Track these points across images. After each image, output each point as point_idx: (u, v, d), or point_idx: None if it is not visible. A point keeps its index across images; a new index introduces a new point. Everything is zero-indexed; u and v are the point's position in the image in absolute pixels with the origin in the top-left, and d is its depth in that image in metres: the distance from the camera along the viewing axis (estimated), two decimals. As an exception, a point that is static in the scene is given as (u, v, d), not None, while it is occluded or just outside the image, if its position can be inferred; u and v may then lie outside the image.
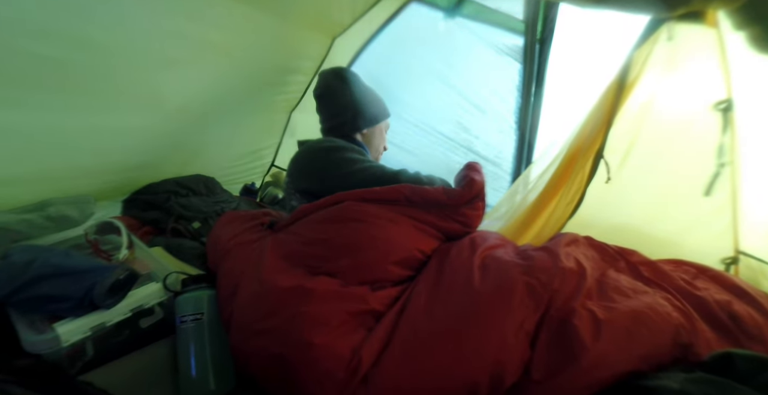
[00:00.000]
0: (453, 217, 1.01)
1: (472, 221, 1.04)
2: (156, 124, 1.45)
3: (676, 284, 0.89)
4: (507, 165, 1.75)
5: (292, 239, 0.98)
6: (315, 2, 1.54)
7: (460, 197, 1.00)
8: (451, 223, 1.01)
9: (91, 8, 1.00)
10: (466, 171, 1.07)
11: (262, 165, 2.26)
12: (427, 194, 0.99)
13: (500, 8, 1.60)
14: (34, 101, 1.07)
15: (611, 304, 0.78)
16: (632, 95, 1.08)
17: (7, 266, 0.87)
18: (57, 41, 0.99)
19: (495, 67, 1.69)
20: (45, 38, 0.97)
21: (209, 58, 1.39)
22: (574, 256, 0.90)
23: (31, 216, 1.14)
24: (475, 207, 1.03)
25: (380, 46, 1.88)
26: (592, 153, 1.14)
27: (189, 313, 0.91)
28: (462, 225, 1.03)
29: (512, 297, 0.78)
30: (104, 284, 0.85)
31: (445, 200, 1.00)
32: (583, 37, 1.47)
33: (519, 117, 1.67)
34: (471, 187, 1.01)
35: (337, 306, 0.81)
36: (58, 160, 1.27)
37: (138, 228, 1.51)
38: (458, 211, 1.01)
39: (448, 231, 1.02)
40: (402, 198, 0.99)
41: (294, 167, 1.24)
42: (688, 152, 1.10)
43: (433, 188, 1.01)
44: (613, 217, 1.22)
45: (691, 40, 1.01)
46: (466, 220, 1.03)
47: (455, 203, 1.01)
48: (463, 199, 1.01)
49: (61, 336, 0.80)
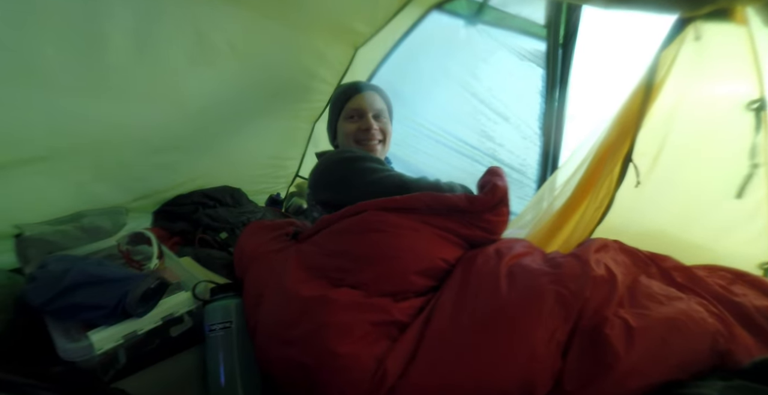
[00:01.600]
0: (476, 224, 0.99)
1: (495, 228, 1.02)
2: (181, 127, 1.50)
3: (712, 289, 0.85)
4: (532, 172, 1.73)
5: (314, 250, 0.99)
6: (337, 14, 1.56)
7: (482, 204, 0.99)
8: (474, 230, 1.00)
9: (114, 15, 1.04)
10: (489, 176, 1.06)
11: (286, 175, 2.29)
12: (448, 201, 0.98)
13: (521, 14, 1.60)
14: (59, 100, 1.11)
15: (644, 311, 0.75)
16: (660, 97, 1.06)
17: (43, 276, 0.90)
18: (81, 42, 1.03)
19: (517, 74, 1.68)
20: (64, 38, 1.00)
21: (230, 64, 1.42)
22: (604, 262, 0.87)
23: (66, 227, 1.19)
24: (498, 213, 1.01)
25: (401, 56, 1.89)
26: (620, 157, 1.11)
27: (218, 321, 0.92)
28: (485, 232, 1.01)
29: (542, 307, 0.76)
30: (136, 292, 0.87)
31: (466, 206, 0.98)
32: (607, 39, 1.44)
33: (543, 123, 1.65)
34: (494, 193, 0.99)
35: (360, 316, 0.81)
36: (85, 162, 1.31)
37: (167, 239, 1.54)
38: (481, 217, 1.00)
39: (471, 238, 1.00)
40: (423, 206, 0.98)
41: (314, 178, 1.25)
42: (719, 153, 1.06)
43: (454, 195, 0.99)
44: (644, 222, 1.19)
45: (719, 39, 0.98)
46: (489, 226, 1.01)
47: (477, 209, 0.99)
48: (486, 205, 0.99)
49: (95, 344, 0.82)
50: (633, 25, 1.22)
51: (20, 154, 1.14)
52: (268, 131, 1.93)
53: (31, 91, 1.05)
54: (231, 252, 1.44)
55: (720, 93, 1.04)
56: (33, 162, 1.17)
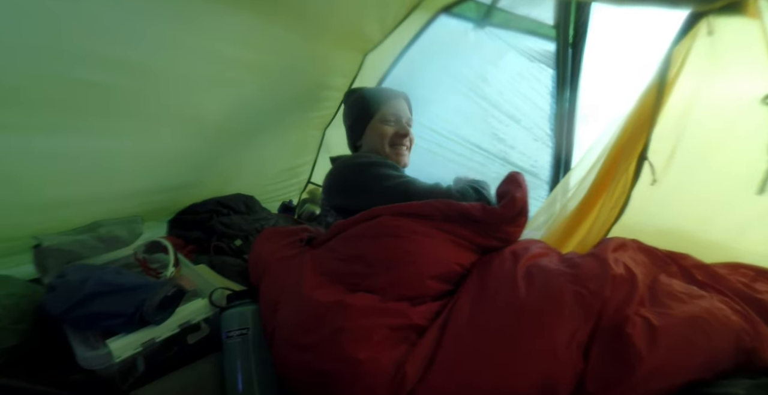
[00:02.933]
0: (492, 234, 0.99)
1: (512, 237, 1.02)
2: (196, 144, 1.51)
3: (734, 287, 0.83)
4: (544, 174, 1.72)
5: (329, 255, 0.99)
6: (346, 21, 1.57)
7: (499, 217, 0.98)
8: (490, 240, 0.99)
9: (136, 34, 1.05)
10: (507, 186, 1.05)
11: (299, 182, 2.30)
12: (464, 210, 0.97)
13: (530, 15, 1.59)
14: (81, 126, 1.12)
15: (666, 310, 0.74)
16: (674, 93, 1.04)
17: (62, 285, 0.91)
18: (101, 67, 1.04)
19: (527, 75, 1.67)
20: (90, 65, 1.01)
21: (246, 78, 1.43)
22: (623, 261, 0.86)
23: (84, 237, 1.20)
24: (517, 224, 1.01)
25: (410, 60, 1.89)
26: (635, 155, 1.10)
27: (235, 328, 0.93)
28: (501, 241, 1.00)
29: (561, 308, 0.75)
30: (154, 300, 0.88)
31: (481, 217, 0.97)
32: (617, 37, 1.43)
33: (554, 124, 1.64)
34: (512, 206, 0.98)
35: (378, 320, 0.80)
36: (105, 182, 1.32)
37: (183, 247, 1.55)
38: (498, 228, 0.99)
39: (486, 246, 1.00)
40: (437, 213, 0.97)
41: (328, 183, 1.25)
42: (737, 148, 1.04)
43: (469, 204, 0.98)
44: (661, 221, 1.17)
45: (732, 34, 0.96)
46: (506, 236, 1.00)
47: (493, 221, 0.98)
48: (503, 218, 0.98)
49: (114, 352, 0.83)
50: (643, 21, 1.21)
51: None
52: (281, 140, 1.94)
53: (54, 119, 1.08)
54: (245, 259, 1.45)
55: (735, 88, 1.03)
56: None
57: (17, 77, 0.93)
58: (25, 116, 1.00)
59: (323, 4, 1.38)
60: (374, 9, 1.56)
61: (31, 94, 0.97)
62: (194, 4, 1.10)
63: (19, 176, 1.10)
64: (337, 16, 1.49)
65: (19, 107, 0.98)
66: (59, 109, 1.05)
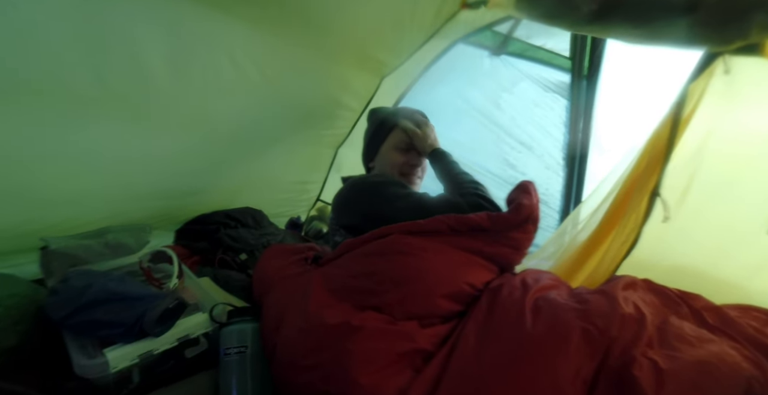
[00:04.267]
0: (500, 241, 0.99)
1: (521, 244, 1.02)
2: (208, 150, 1.52)
3: (745, 331, 0.81)
4: (555, 203, 1.71)
5: (338, 272, 0.98)
6: (364, 45, 1.60)
7: (505, 223, 0.99)
8: (500, 247, 0.99)
9: (153, 38, 1.08)
10: (516, 193, 1.06)
11: (308, 199, 2.31)
12: (471, 221, 0.98)
13: (546, 45, 1.62)
14: (95, 124, 1.14)
15: (674, 353, 0.72)
16: (689, 130, 1.04)
17: (65, 290, 0.92)
18: (118, 68, 1.06)
19: (541, 104, 1.68)
20: (106, 65, 1.04)
21: (263, 92, 1.45)
22: (633, 301, 0.84)
23: (90, 242, 1.21)
24: (525, 230, 1.01)
25: (426, 85, 1.91)
26: (647, 191, 1.09)
27: (233, 345, 0.92)
28: (511, 248, 1.00)
29: (568, 343, 0.73)
30: (155, 312, 0.87)
31: (489, 226, 0.98)
32: (633, 70, 1.44)
33: (567, 154, 1.64)
34: (518, 212, 0.99)
35: (385, 345, 0.79)
36: (116, 182, 1.34)
37: (188, 258, 1.56)
38: (505, 235, 1.00)
39: (497, 256, 1.00)
40: (446, 228, 0.98)
41: (339, 203, 1.25)
42: (751, 188, 1.03)
43: (476, 215, 0.99)
44: (673, 258, 1.14)
45: (749, 73, 0.96)
46: (515, 243, 1.00)
47: (500, 228, 0.99)
48: (509, 224, 0.99)
49: (110, 362, 0.82)
50: (660, 56, 1.22)
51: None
52: (293, 156, 1.95)
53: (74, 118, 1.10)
54: (249, 274, 1.44)
55: (751, 127, 1.02)
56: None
57: (32, 71, 0.95)
58: (37, 110, 1.02)
59: (343, 26, 1.41)
60: (390, 34, 1.59)
61: (45, 89, 1.00)
62: (215, 16, 1.14)
63: (31, 171, 1.12)
64: (356, 38, 1.52)
65: (32, 101, 1.00)
66: (71, 105, 1.07)
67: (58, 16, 0.90)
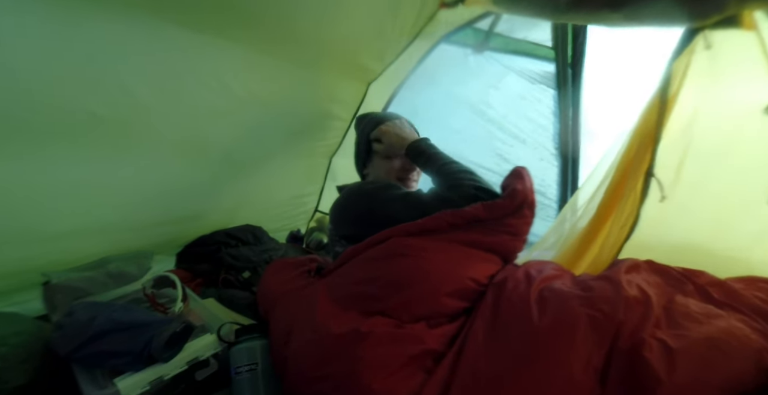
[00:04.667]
0: (498, 229, 1.00)
1: (519, 229, 1.02)
2: (203, 174, 1.52)
3: (752, 303, 0.80)
4: (552, 193, 1.71)
5: (342, 281, 0.98)
6: (345, 54, 1.60)
7: (501, 210, 0.99)
8: (499, 235, 1.00)
9: (143, 67, 1.08)
10: (509, 179, 1.06)
11: (306, 211, 2.30)
12: (468, 214, 0.98)
13: (528, 38, 1.62)
14: (87, 156, 1.14)
15: (683, 332, 0.71)
16: (676, 108, 1.04)
17: (71, 323, 0.91)
18: (106, 101, 1.06)
19: (529, 96, 1.68)
20: (96, 97, 1.04)
21: (251, 109, 1.45)
22: (636, 283, 0.84)
23: (92, 273, 1.20)
24: (521, 215, 1.01)
25: (413, 87, 1.91)
26: (641, 172, 1.09)
27: (244, 364, 0.91)
28: (510, 235, 1.01)
29: (575, 332, 0.73)
30: (162, 337, 0.87)
31: (486, 215, 0.99)
32: (616, 55, 1.44)
33: (559, 143, 1.63)
34: (513, 198, 1.00)
35: (396, 349, 0.79)
36: (112, 213, 1.33)
37: (190, 280, 1.55)
38: (503, 222, 1.00)
39: (496, 245, 1.00)
40: (444, 225, 0.98)
41: (336, 213, 1.25)
42: (743, 160, 1.03)
43: (472, 208, 0.99)
44: (673, 237, 1.14)
45: (730, 46, 0.96)
46: (513, 229, 1.01)
47: (497, 216, 0.99)
48: (505, 211, 0.99)
49: (122, 391, 0.81)
50: (641, 38, 1.22)
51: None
52: (287, 170, 1.95)
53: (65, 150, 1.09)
54: (254, 292, 1.44)
55: (737, 99, 1.02)
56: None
57: (22, 108, 0.95)
58: (30, 146, 1.02)
59: (324, 36, 1.41)
60: (373, 41, 1.59)
61: (37, 124, 0.99)
62: (201, 40, 1.14)
63: (25, 208, 1.11)
64: (338, 46, 1.53)
65: (25, 137, 0.99)
66: (64, 139, 1.06)
67: (39, 45, 0.89)
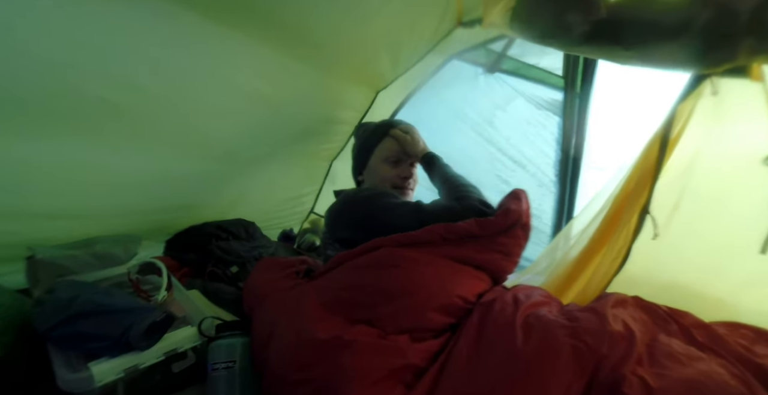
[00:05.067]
0: (490, 247, 1.01)
1: (510, 249, 1.03)
2: (202, 167, 1.52)
3: (734, 349, 0.81)
4: (547, 218, 1.72)
5: (330, 285, 0.98)
6: (361, 58, 1.61)
7: (493, 227, 1.00)
8: (490, 253, 1.00)
9: (157, 60, 1.08)
10: (505, 199, 1.08)
11: (301, 211, 2.30)
12: (461, 229, 0.99)
13: (539, 64, 1.64)
14: (86, 139, 1.13)
15: (663, 371, 0.72)
16: (677, 149, 1.06)
17: (51, 301, 0.90)
18: (115, 87, 1.05)
19: (534, 122, 1.70)
20: (105, 83, 1.03)
21: (259, 108, 1.45)
22: (622, 318, 0.84)
23: (78, 252, 1.19)
24: (512, 235, 1.02)
25: (421, 100, 1.93)
26: (637, 208, 1.10)
27: (221, 360, 0.90)
28: (501, 254, 1.01)
29: (557, 360, 0.73)
30: (141, 325, 0.86)
31: (478, 232, 0.99)
32: (624, 90, 1.47)
33: (559, 171, 1.65)
34: (505, 216, 1.01)
35: (377, 360, 0.78)
36: (105, 197, 1.32)
37: (177, 269, 1.54)
38: (495, 240, 1.01)
39: (488, 263, 1.01)
40: (437, 238, 0.99)
41: (332, 217, 1.25)
42: (739, 207, 1.04)
43: (466, 223, 1.00)
44: (662, 275, 1.15)
45: (736, 95, 0.98)
46: (504, 249, 1.02)
47: (489, 233, 1.00)
48: (497, 229, 1.00)
49: (95, 376, 0.80)
50: (650, 76, 1.24)
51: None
52: (288, 170, 1.96)
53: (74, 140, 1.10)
54: (240, 287, 1.43)
55: (738, 147, 1.04)
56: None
57: (27, 88, 0.94)
58: (32, 126, 1.01)
59: (341, 42, 1.42)
60: (389, 49, 1.61)
61: (41, 105, 0.98)
62: (217, 37, 1.13)
63: (16, 184, 1.10)
64: (353, 53, 1.54)
65: (28, 117, 0.99)
66: (66, 122, 1.06)
67: (52, 29, 0.89)
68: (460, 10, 1.52)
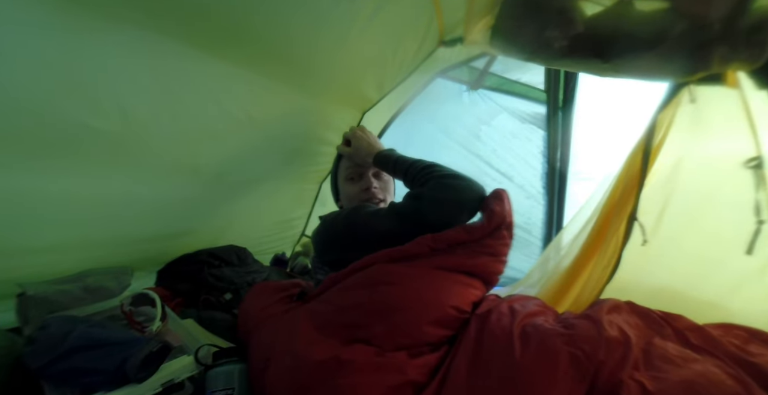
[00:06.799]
0: (479, 250, 1.02)
1: (498, 250, 1.04)
2: (191, 193, 1.50)
3: (728, 350, 0.82)
4: (537, 231, 1.74)
5: (323, 308, 0.97)
6: (345, 82, 1.63)
7: (480, 232, 1.02)
8: (480, 256, 1.02)
9: (141, 86, 1.07)
10: (488, 201, 1.09)
11: (293, 235, 2.29)
12: (449, 237, 1.01)
13: (521, 79, 1.68)
14: (72, 168, 1.11)
15: (660, 374, 0.73)
16: (660, 157, 1.08)
17: (44, 337, 0.88)
18: (102, 115, 1.04)
19: (519, 135, 1.73)
20: (91, 111, 1.02)
21: (247, 132, 1.46)
22: (617, 324, 0.85)
23: (69, 287, 1.17)
24: (498, 237, 1.04)
25: (407, 118, 1.96)
26: (624, 216, 1.12)
27: (220, 388, 0.89)
28: (490, 256, 1.03)
29: (556, 369, 0.73)
30: (137, 357, 0.85)
31: (466, 238, 1.01)
32: (606, 101, 1.50)
33: (546, 183, 1.67)
34: (490, 219, 1.03)
35: (376, 378, 0.78)
36: (95, 228, 1.30)
37: (171, 299, 1.51)
38: (483, 243, 1.02)
39: (479, 267, 1.01)
40: (426, 249, 1.00)
41: (318, 240, 1.25)
42: (724, 210, 1.07)
43: (453, 230, 1.02)
44: (654, 280, 1.17)
45: (714, 101, 1.01)
46: (492, 250, 1.03)
47: (477, 238, 1.02)
48: (484, 232, 1.02)
49: (92, 412, 0.79)
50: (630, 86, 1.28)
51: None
52: (277, 193, 1.95)
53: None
54: (235, 314, 1.41)
55: (719, 152, 1.06)
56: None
57: (9, 116, 0.91)
58: (17, 157, 0.99)
59: (327, 65, 1.44)
60: (373, 71, 1.63)
61: (25, 134, 0.96)
62: (203, 62, 1.14)
63: (5, 219, 1.08)
64: (339, 76, 1.56)
65: (12, 147, 0.96)
66: (52, 151, 1.04)
67: (37, 55, 0.87)
68: (441, 29, 1.56)
